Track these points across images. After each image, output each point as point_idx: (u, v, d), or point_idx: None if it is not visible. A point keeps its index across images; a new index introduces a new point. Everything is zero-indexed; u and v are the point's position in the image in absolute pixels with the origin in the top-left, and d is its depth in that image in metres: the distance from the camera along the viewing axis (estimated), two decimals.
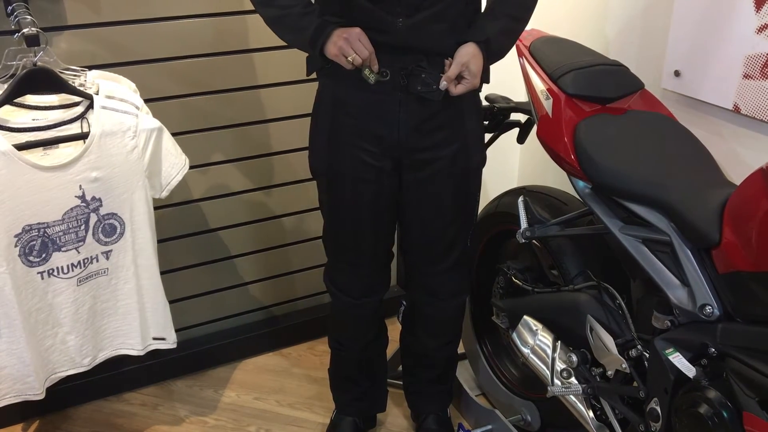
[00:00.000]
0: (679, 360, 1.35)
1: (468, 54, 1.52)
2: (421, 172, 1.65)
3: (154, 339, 1.96)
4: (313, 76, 1.66)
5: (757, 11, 1.58)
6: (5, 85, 1.64)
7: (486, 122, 1.94)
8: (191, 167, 1.95)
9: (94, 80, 1.77)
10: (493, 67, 1.64)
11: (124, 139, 1.73)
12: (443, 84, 1.51)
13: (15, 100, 1.66)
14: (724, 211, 1.30)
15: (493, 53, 1.56)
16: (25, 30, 1.63)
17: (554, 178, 1.95)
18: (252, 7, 1.62)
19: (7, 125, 1.64)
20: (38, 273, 1.71)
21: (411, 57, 1.53)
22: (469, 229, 1.79)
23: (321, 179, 1.73)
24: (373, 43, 1.50)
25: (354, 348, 1.95)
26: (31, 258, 1.69)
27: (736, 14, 1.63)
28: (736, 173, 1.65)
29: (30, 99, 1.69)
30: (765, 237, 1.18)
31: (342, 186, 1.68)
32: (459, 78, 1.52)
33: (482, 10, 1.62)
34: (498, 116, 1.94)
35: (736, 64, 1.65)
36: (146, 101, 1.83)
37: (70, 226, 1.72)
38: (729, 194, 1.32)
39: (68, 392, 2.16)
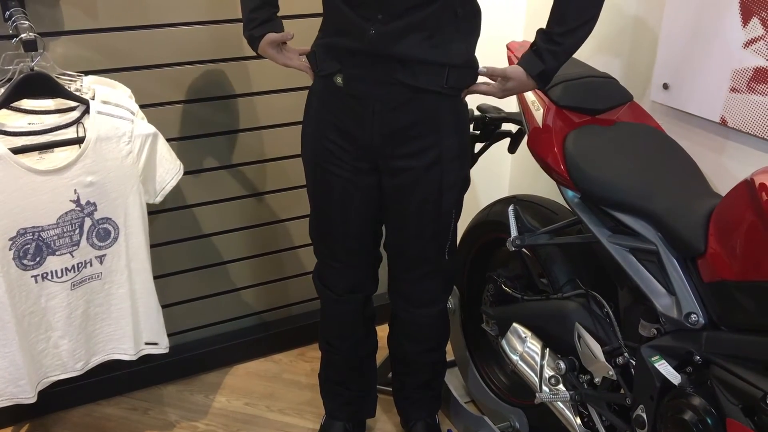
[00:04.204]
0: (664, 367, 1.37)
1: (516, 74, 1.57)
2: (395, 178, 1.66)
3: (147, 344, 1.96)
4: (306, 84, 1.69)
5: (744, 26, 1.61)
6: (2, 89, 1.65)
7: (477, 132, 1.96)
8: (185, 173, 1.97)
9: (90, 85, 1.78)
10: (483, 78, 1.67)
11: (120, 144, 1.74)
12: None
13: (11, 104, 1.67)
14: (709, 221, 1.32)
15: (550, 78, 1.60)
16: (22, 35, 1.64)
17: (544, 187, 1.97)
18: None
19: (4, 129, 1.66)
20: (32, 276, 1.72)
21: (383, 66, 1.52)
22: (443, 244, 1.75)
23: (307, 166, 1.76)
24: (348, 49, 1.52)
25: (343, 348, 1.96)
26: (25, 261, 1.70)
27: (723, 29, 1.66)
28: (723, 184, 1.68)
29: (26, 103, 1.70)
30: (749, 246, 1.20)
31: (323, 176, 1.70)
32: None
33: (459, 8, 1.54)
34: (489, 126, 1.96)
35: (724, 78, 1.67)
36: (142, 107, 1.84)
37: (65, 230, 1.73)
38: (715, 205, 1.34)
39: (59, 395, 2.16)
